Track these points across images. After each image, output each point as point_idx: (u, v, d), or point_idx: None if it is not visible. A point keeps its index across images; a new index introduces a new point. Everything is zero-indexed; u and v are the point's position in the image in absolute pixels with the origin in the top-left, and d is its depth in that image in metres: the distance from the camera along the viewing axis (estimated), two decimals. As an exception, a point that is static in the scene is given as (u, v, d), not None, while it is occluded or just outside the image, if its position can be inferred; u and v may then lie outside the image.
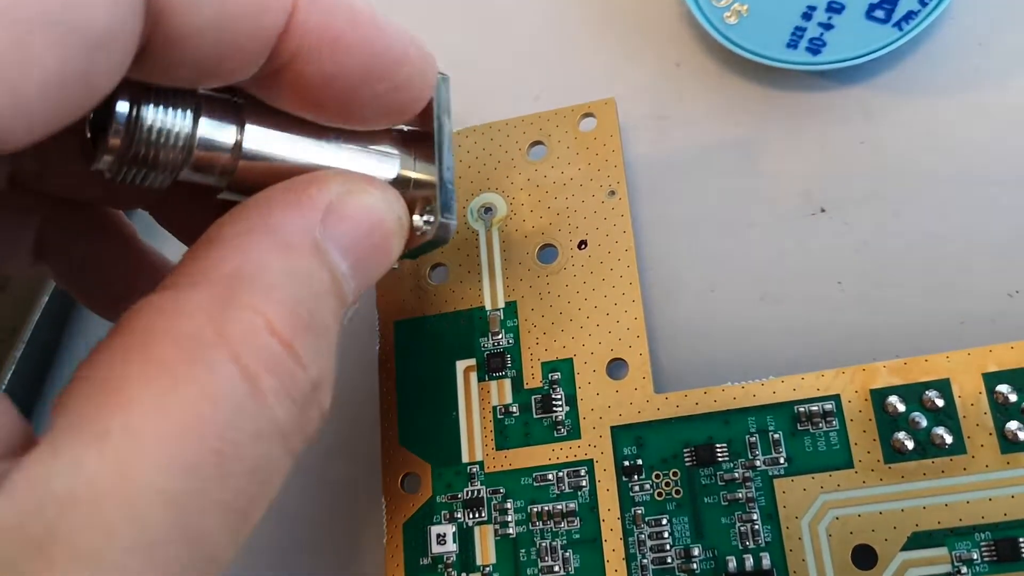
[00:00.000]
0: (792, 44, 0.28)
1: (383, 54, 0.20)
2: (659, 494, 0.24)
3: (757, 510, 0.24)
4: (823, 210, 0.28)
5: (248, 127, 0.19)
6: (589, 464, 0.25)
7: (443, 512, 0.26)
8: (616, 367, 0.26)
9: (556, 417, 0.26)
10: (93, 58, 0.15)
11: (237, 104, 0.20)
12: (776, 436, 0.24)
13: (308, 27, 0.19)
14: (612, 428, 0.25)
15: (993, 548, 0.22)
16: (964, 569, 0.22)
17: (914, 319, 0.26)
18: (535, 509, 0.25)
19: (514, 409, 0.26)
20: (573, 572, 0.24)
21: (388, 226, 0.20)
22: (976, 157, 0.27)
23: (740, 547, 0.23)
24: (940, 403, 0.23)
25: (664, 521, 0.24)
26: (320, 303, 0.18)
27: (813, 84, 0.29)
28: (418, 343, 0.27)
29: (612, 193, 0.27)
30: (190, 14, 0.17)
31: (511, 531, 0.25)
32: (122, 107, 0.18)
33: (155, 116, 0.18)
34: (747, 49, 0.29)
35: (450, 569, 0.25)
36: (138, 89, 0.18)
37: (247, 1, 0.18)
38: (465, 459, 0.26)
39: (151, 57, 0.17)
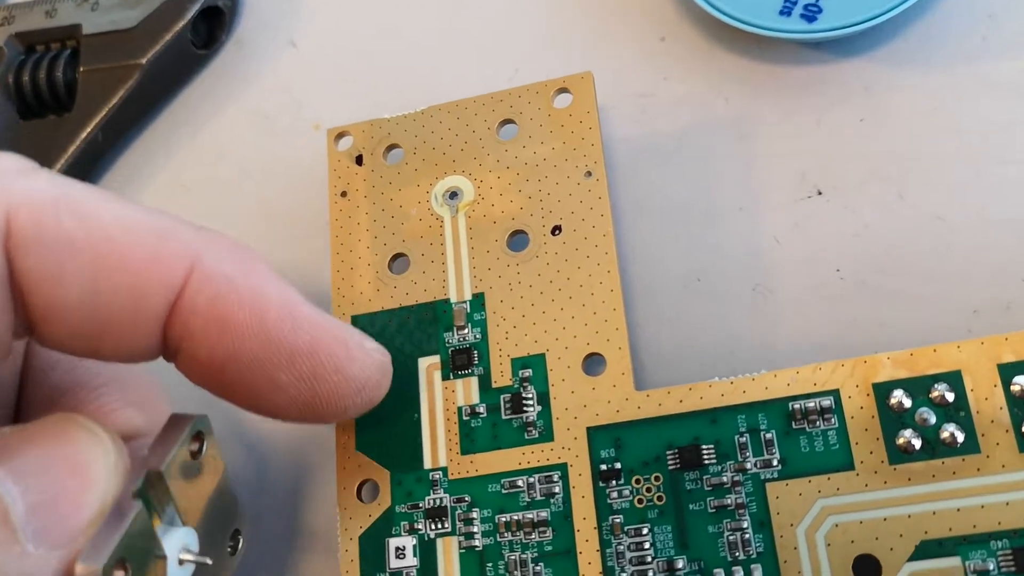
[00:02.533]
0: (785, 11, 0.26)
1: (279, 342, 0.20)
2: (640, 501, 0.22)
3: (748, 517, 0.22)
4: (820, 192, 0.26)
5: None
6: (563, 469, 0.23)
7: (403, 523, 0.24)
8: (593, 363, 0.24)
9: (527, 418, 0.24)
10: None
11: None
12: (768, 436, 0.22)
13: (196, 309, 0.19)
14: (588, 429, 0.23)
15: (1011, 557, 0.20)
16: (979, 581, 0.20)
17: (921, 309, 0.24)
18: (503, 519, 0.23)
19: (481, 410, 0.24)
20: (545, 588, 0.23)
21: (86, 455, 0.18)
22: (986, 134, 0.26)
23: (729, 558, 0.22)
24: (950, 397, 0.21)
25: (645, 530, 0.22)
26: None
27: (809, 57, 0.27)
28: (377, 339, 0.25)
29: (589, 174, 0.25)
30: (55, 291, 0.18)
31: (477, 543, 0.23)
32: None
33: None
34: (736, 18, 0.27)
35: (410, 585, 0.23)
36: None
37: (122, 283, 0.18)
38: (427, 465, 0.24)
39: (36, 326, 0.19)
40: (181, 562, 0.20)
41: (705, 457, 0.22)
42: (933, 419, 0.21)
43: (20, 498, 0.17)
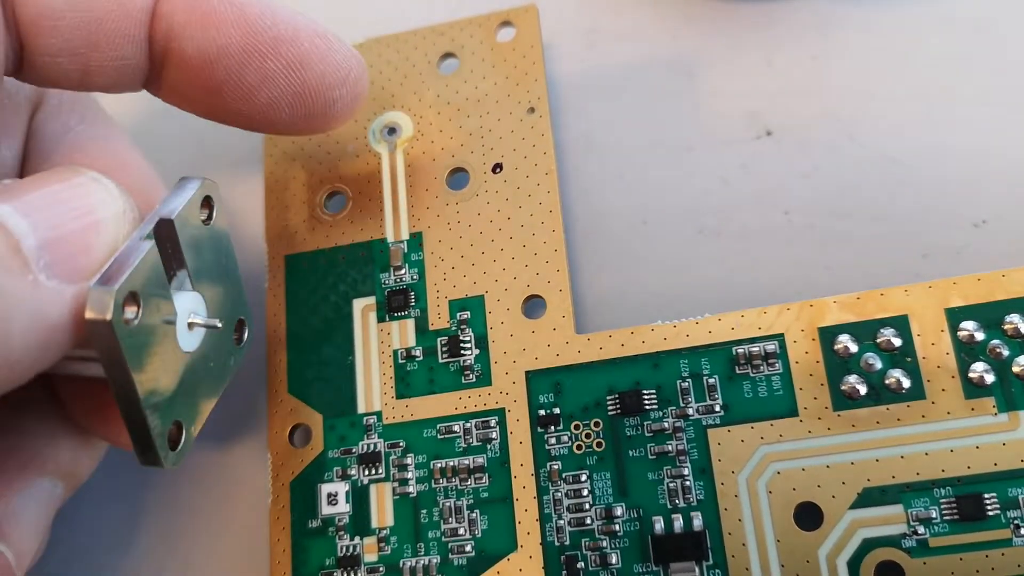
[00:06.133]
0: (735, -56, 0.25)
1: (262, 31, 0.20)
2: (579, 447, 0.22)
3: (688, 464, 0.21)
4: (769, 133, 0.25)
5: None
6: (500, 414, 0.23)
7: (335, 468, 0.23)
8: (533, 305, 0.23)
9: (464, 361, 0.23)
10: None
11: None
12: (711, 381, 0.22)
13: (176, 6, 0.20)
14: (527, 373, 0.23)
15: (954, 505, 0.20)
16: (921, 529, 0.20)
17: (869, 252, 0.24)
18: (439, 465, 0.23)
19: (417, 353, 0.23)
20: (480, 535, 0.22)
21: (92, 198, 0.18)
22: (940, 73, 0.25)
23: (669, 506, 0.21)
24: (897, 342, 0.21)
25: (584, 477, 0.22)
26: None
27: (760, -8, 0.27)
28: (311, 280, 0.25)
29: (532, 110, 0.24)
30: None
31: (411, 489, 0.23)
32: None
33: None
34: (685, -49, 0.26)
35: (342, 532, 0.23)
36: None
37: None
38: (361, 409, 0.23)
39: (27, 41, 0.19)
40: (191, 326, 0.19)
41: (646, 402, 0.22)
42: (879, 364, 0.21)
43: (31, 232, 0.17)
